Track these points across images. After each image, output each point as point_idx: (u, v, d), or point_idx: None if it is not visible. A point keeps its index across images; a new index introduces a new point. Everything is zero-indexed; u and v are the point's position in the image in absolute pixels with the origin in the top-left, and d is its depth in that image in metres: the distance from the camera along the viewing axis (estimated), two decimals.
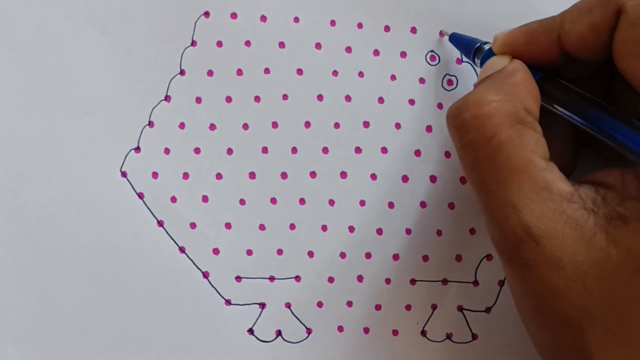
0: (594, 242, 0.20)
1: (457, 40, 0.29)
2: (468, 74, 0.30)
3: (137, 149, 0.29)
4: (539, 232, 0.20)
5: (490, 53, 0.25)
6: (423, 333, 0.30)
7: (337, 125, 0.30)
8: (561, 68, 0.24)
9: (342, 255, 0.30)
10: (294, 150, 0.30)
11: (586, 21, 0.22)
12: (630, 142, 0.21)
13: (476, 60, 0.27)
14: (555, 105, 0.23)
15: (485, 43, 0.27)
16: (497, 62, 0.24)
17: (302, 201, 0.30)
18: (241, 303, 0.30)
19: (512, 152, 0.21)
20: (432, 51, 0.29)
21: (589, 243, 0.20)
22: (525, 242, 0.20)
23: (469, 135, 0.22)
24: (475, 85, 0.24)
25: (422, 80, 0.30)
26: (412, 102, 0.30)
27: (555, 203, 0.20)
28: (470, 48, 0.27)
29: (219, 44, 0.29)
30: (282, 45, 0.29)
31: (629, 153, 0.21)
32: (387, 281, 0.30)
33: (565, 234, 0.20)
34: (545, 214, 0.20)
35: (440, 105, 0.29)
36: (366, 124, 0.30)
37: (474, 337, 0.30)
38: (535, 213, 0.20)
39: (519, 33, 0.24)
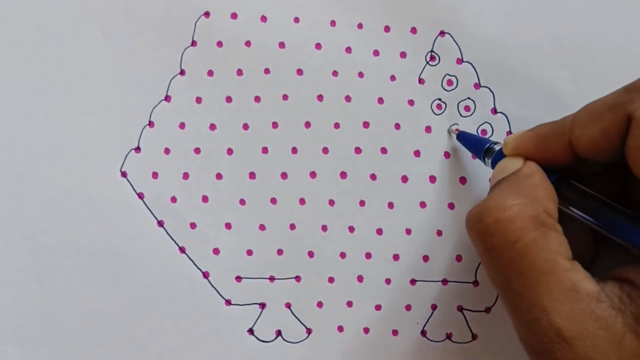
0: (625, 342, 0.20)
1: (465, 139, 0.28)
2: (468, 74, 0.30)
3: (137, 149, 0.29)
4: (570, 334, 0.20)
5: (501, 154, 0.25)
6: (423, 333, 0.30)
7: (337, 126, 0.30)
8: (574, 168, 0.24)
9: (342, 255, 0.30)
10: (294, 150, 0.30)
11: (597, 126, 0.22)
12: None
13: (486, 160, 0.27)
14: (572, 208, 0.23)
15: (495, 143, 0.26)
16: (510, 164, 0.24)
17: (302, 201, 0.30)
18: (241, 303, 0.30)
19: (537, 255, 0.21)
20: (432, 51, 0.29)
21: (619, 343, 0.20)
22: (557, 344, 0.21)
23: (492, 240, 0.22)
24: (492, 188, 0.24)
25: (422, 81, 0.30)
26: (411, 102, 0.30)
27: (584, 303, 0.21)
28: (479, 148, 0.27)
29: (219, 44, 0.29)
30: (282, 45, 0.29)
31: None
32: (387, 281, 0.30)
33: (596, 334, 0.20)
34: (575, 314, 0.20)
35: (439, 106, 0.30)
36: (366, 124, 0.30)
37: (474, 337, 0.30)
38: (565, 314, 0.20)
39: (530, 137, 0.24)
